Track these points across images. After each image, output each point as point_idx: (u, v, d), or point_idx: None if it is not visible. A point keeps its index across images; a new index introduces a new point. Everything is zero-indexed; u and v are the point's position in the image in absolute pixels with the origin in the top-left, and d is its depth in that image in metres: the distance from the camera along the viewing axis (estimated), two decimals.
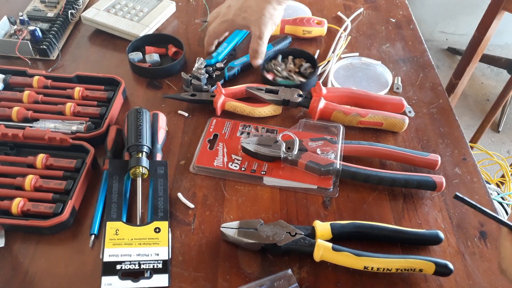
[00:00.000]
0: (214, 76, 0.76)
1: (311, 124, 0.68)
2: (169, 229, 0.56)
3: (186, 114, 0.71)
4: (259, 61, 0.75)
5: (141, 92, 0.76)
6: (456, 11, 2.23)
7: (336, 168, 0.61)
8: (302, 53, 0.80)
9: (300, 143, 0.63)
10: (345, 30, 0.88)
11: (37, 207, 0.55)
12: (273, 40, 0.81)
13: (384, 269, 0.51)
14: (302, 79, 0.76)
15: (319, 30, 0.85)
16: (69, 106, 0.68)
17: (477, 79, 2.16)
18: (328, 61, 0.80)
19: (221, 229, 0.55)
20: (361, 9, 0.94)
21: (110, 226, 0.55)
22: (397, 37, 0.88)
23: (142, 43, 0.82)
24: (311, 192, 0.61)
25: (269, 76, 0.76)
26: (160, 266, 0.52)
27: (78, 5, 0.91)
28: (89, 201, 0.59)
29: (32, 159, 0.61)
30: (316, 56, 0.81)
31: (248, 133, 0.68)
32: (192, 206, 0.59)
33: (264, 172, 0.62)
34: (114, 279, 0.51)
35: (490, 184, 1.19)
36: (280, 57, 0.79)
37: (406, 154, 0.63)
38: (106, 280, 0.51)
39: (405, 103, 0.71)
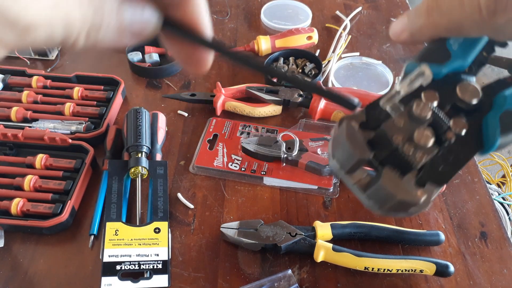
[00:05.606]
0: None
1: (311, 124, 0.68)
2: (169, 229, 0.56)
3: (186, 114, 0.71)
4: None
5: (140, 92, 0.75)
6: None
7: None
8: (304, 53, 0.79)
9: (300, 143, 0.63)
10: (344, 29, 0.88)
11: (37, 207, 0.55)
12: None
13: (384, 269, 0.51)
14: (308, 79, 0.75)
15: (310, 42, 0.82)
16: (68, 106, 0.67)
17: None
18: (329, 61, 0.80)
19: (221, 229, 0.54)
20: (360, 8, 0.94)
21: (110, 226, 0.55)
22: None
23: (141, 43, 0.82)
24: (312, 192, 0.61)
25: (274, 80, 0.75)
26: (160, 266, 0.52)
27: None
28: (89, 201, 0.59)
29: (31, 159, 0.60)
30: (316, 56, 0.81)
31: (248, 133, 0.68)
32: (191, 206, 0.59)
33: (264, 172, 0.62)
34: (114, 279, 0.51)
35: (491, 184, 1.19)
36: (282, 60, 0.79)
37: None
38: (106, 280, 0.51)
39: None
